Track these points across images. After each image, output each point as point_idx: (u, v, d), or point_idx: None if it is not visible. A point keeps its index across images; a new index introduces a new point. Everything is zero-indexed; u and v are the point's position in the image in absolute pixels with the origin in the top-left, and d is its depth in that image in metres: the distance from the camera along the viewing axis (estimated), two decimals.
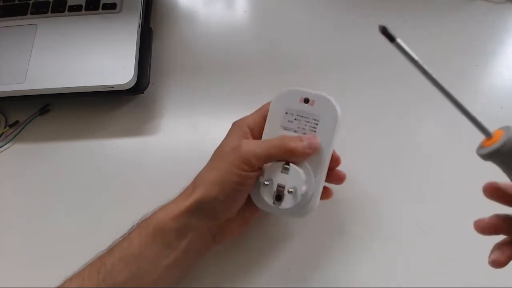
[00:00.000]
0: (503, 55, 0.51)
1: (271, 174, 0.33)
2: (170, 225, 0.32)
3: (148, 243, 0.32)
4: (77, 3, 0.49)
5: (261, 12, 0.55)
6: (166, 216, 0.32)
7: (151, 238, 0.32)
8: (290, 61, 0.50)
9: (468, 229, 0.28)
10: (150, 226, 0.32)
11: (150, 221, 0.33)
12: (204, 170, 0.34)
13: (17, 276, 0.38)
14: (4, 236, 0.40)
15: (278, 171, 0.32)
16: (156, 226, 0.32)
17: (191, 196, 0.32)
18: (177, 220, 0.32)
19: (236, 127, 0.35)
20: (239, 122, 0.35)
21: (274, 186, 0.33)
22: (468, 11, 0.54)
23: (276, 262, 0.38)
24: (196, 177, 0.34)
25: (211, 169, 0.33)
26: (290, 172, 0.32)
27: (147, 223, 0.33)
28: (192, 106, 0.48)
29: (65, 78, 0.44)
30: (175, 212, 0.32)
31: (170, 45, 0.52)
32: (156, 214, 0.33)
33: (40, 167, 0.44)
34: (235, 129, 0.35)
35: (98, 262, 0.32)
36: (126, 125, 0.46)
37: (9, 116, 0.47)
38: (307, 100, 0.33)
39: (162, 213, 0.33)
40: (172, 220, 0.32)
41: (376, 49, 0.51)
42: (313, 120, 0.33)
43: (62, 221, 0.41)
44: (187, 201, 0.32)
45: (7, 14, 0.49)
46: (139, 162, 0.44)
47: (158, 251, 0.32)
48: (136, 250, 0.32)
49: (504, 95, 0.47)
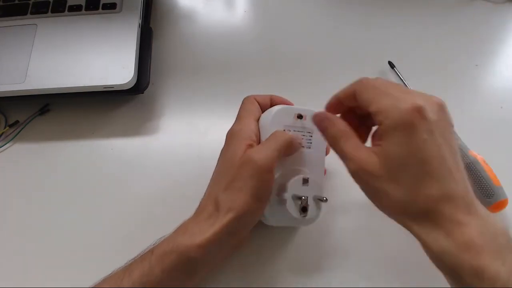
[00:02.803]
0: (503, 55, 0.51)
1: (294, 188, 0.34)
2: (198, 253, 0.30)
3: (171, 272, 0.30)
4: (77, 3, 0.49)
5: (261, 12, 0.55)
6: (191, 243, 0.30)
7: (175, 266, 0.30)
8: (290, 61, 0.50)
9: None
10: (174, 254, 0.30)
11: (173, 248, 0.31)
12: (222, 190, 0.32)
13: (17, 276, 0.38)
14: (4, 236, 0.40)
15: (300, 185, 0.34)
16: (181, 254, 0.30)
17: (219, 220, 0.31)
18: (205, 248, 0.30)
19: (235, 137, 0.34)
20: (235, 130, 0.35)
21: (299, 200, 0.34)
22: (468, 11, 0.54)
23: (276, 262, 0.38)
24: (218, 200, 0.32)
25: (233, 189, 0.32)
26: (310, 183, 0.34)
27: (170, 249, 0.31)
28: (192, 106, 0.48)
29: (65, 78, 0.44)
30: (202, 239, 0.30)
31: (170, 45, 0.52)
32: (179, 239, 0.31)
33: (40, 167, 0.44)
34: (235, 139, 0.34)
35: (115, 284, 0.31)
36: (126, 125, 0.46)
37: (9, 116, 0.47)
38: (300, 116, 0.36)
39: (186, 239, 0.31)
40: (200, 248, 0.30)
41: (376, 49, 0.51)
42: (307, 133, 0.36)
43: (62, 221, 0.41)
44: (215, 225, 0.31)
45: (7, 14, 0.49)
46: (139, 162, 0.44)
47: (181, 279, 0.31)
48: (158, 277, 0.30)
49: (504, 95, 0.47)
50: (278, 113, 0.35)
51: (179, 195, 0.41)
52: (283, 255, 0.38)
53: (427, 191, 0.27)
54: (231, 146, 0.34)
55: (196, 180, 0.42)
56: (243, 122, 0.35)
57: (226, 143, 0.35)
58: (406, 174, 0.27)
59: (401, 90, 0.29)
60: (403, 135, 0.27)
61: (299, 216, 0.34)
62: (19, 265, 0.39)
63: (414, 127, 0.27)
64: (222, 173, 0.33)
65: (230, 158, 0.33)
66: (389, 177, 0.28)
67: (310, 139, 0.36)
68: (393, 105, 0.28)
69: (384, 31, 0.52)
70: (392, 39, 0.52)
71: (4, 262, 0.39)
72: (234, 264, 0.37)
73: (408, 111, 0.27)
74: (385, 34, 0.52)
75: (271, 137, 0.33)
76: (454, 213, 0.26)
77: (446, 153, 0.27)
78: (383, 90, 0.29)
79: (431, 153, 0.27)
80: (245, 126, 0.34)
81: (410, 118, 0.27)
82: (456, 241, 0.26)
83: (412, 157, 0.27)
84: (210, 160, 0.43)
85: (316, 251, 0.38)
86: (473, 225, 0.26)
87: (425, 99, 0.28)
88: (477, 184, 0.38)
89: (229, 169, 0.33)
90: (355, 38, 0.52)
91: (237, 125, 0.35)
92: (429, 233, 0.27)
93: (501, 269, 0.24)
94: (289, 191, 0.34)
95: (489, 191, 0.38)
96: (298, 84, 0.48)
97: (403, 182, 0.27)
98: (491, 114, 0.46)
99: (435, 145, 0.27)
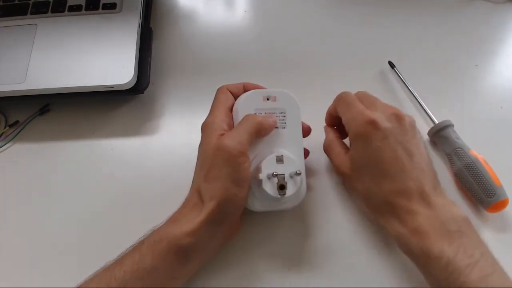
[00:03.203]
0: (503, 55, 0.51)
1: (269, 168, 0.34)
2: (187, 240, 0.31)
3: (162, 259, 0.31)
4: (77, 3, 0.49)
5: (261, 12, 0.55)
6: (179, 232, 0.31)
7: (165, 254, 0.31)
8: (290, 61, 0.50)
9: None
10: (164, 241, 0.31)
11: (163, 236, 0.32)
12: (202, 180, 0.33)
13: (17, 276, 0.38)
14: (4, 236, 0.40)
15: (274, 163, 0.34)
16: (171, 242, 0.31)
17: (204, 209, 0.32)
18: (194, 235, 0.31)
19: (207, 129, 0.35)
20: (208, 122, 0.36)
21: (275, 178, 0.34)
22: (468, 11, 0.54)
23: (276, 262, 0.38)
24: (200, 190, 0.33)
25: (211, 179, 0.33)
26: (285, 160, 0.34)
27: (159, 237, 0.32)
28: (192, 106, 0.48)
29: (65, 78, 0.44)
30: (190, 227, 0.31)
31: (170, 45, 0.52)
32: (168, 229, 0.32)
33: (40, 167, 0.44)
34: (207, 131, 0.35)
35: (107, 275, 0.31)
36: (126, 125, 0.46)
37: (9, 116, 0.47)
38: (268, 98, 0.37)
39: (175, 227, 0.32)
40: (189, 235, 0.31)
41: (376, 49, 0.51)
42: (280, 113, 0.37)
43: (62, 221, 0.41)
44: (201, 215, 0.32)
45: (7, 14, 0.49)
46: (139, 162, 0.44)
47: (173, 266, 0.32)
48: (149, 264, 0.31)
49: (504, 95, 0.47)
50: (246, 98, 0.37)
51: (179, 195, 0.41)
52: (283, 255, 0.38)
53: (384, 187, 0.33)
54: (204, 138, 0.35)
55: None
56: (214, 113, 0.36)
57: (201, 136, 0.36)
58: (367, 174, 0.34)
59: (369, 104, 0.36)
60: (361, 143, 0.34)
61: (277, 195, 0.33)
62: (19, 265, 0.39)
63: (368, 136, 0.33)
64: (200, 165, 0.35)
65: (205, 149, 0.34)
66: (356, 177, 0.35)
67: (284, 119, 0.37)
68: (353, 119, 0.35)
69: (384, 31, 0.52)
70: (392, 39, 0.52)
71: (4, 262, 0.39)
72: (233, 264, 0.37)
73: (363, 124, 0.34)
74: (385, 34, 0.52)
75: (242, 122, 0.35)
76: (408, 204, 0.32)
77: (400, 155, 0.33)
78: (351, 104, 0.36)
79: (384, 156, 0.33)
80: (216, 118, 0.36)
81: (364, 130, 0.34)
82: (408, 228, 0.31)
83: (370, 160, 0.34)
84: None
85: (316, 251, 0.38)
86: (424, 214, 0.31)
87: (383, 111, 0.35)
88: (478, 184, 0.38)
89: (205, 160, 0.34)
90: (355, 38, 0.52)
91: (209, 117, 0.36)
92: (389, 222, 0.33)
93: (447, 249, 0.29)
94: (263, 171, 0.34)
95: (490, 190, 0.38)
96: (298, 84, 0.47)
97: (366, 180, 0.34)
98: (491, 114, 0.46)
99: (389, 149, 0.33)
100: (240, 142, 0.32)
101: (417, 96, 0.45)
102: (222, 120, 0.35)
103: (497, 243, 0.38)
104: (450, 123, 0.42)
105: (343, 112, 0.36)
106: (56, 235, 0.40)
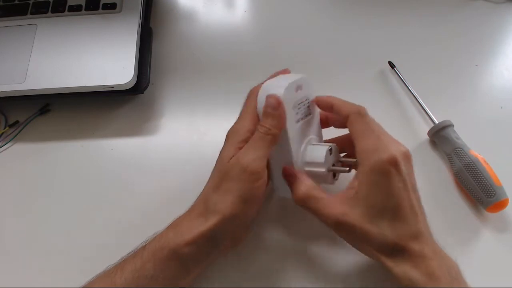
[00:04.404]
0: (503, 55, 0.51)
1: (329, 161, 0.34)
2: (187, 250, 0.31)
3: (163, 267, 0.31)
4: (77, 3, 0.49)
5: (261, 12, 0.55)
6: (181, 240, 0.31)
7: (166, 262, 0.31)
8: (290, 61, 0.50)
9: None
10: (165, 250, 0.31)
11: (164, 244, 0.31)
12: (212, 190, 0.33)
13: (17, 276, 0.38)
14: (4, 236, 0.40)
15: (329, 155, 0.34)
16: (172, 250, 0.31)
17: (208, 221, 0.31)
18: (194, 245, 0.31)
19: (230, 137, 0.34)
20: (233, 130, 0.35)
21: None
22: (468, 11, 0.54)
23: (276, 262, 0.38)
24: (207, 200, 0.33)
25: (221, 191, 0.32)
26: (333, 151, 0.35)
27: (161, 245, 0.31)
28: (192, 106, 0.48)
29: (65, 78, 0.44)
30: (191, 237, 0.31)
31: (170, 45, 0.52)
32: (170, 236, 0.32)
33: (40, 167, 0.44)
34: (230, 139, 0.34)
35: (108, 281, 0.31)
36: (126, 125, 0.46)
37: (9, 116, 0.47)
38: (300, 87, 0.35)
39: (177, 235, 0.32)
40: (189, 246, 0.31)
41: (376, 49, 0.51)
42: (306, 101, 0.36)
43: (62, 221, 0.41)
44: (203, 226, 0.31)
45: (7, 14, 0.49)
46: (139, 162, 0.44)
47: (174, 274, 0.31)
48: (150, 272, 0.31)
49: (504, 95, 0.47)
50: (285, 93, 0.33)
51: (179, 195, 0.41)
52: (283, 255, 0.38)
53: (400, 231, 0.31)
54: (225, 146, 0.34)
55: (196, 180, 0.42)
56: (241, 121, 0.35)
57: (224, 142, 0.35)
58: (383, 218, 0.31)
59: (383, 133, 0.33)
60: (379, 180, 0.31)
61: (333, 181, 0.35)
62: (19, 265, 0.39)
63: (391, 176, 0.31)
64: (214, 173, 0.34)
65: (222, 158, 0.33)
66: (369, 221, 0.31)
67: (309, 104, 0.36)
68: (377, 151, 0.31)
69: (384, 31, 0.52)
70: (392, 39, 0.52)
71: (4, 262, 0.39)
72: (233, 264, 0.37)
73: (387, 161, 0.31)
74: (385, 34, 0.52)
75: (254, 136, 0.33)
76: (421, 249, 0.31)
77: (413, 200, 0.32)
78: (372, 130, 0.33)
79: (403, 201, 0.31)
80: (242, 127, 0.34)
81: (388, 168, 0.31)
82: (422, 272, 0.30)
83: (389, 202, 0.31)
84: (210, 160, 0.43)
85: (316, 251, 0.38)
86: (434, 259, 0.31)
87: (398, 150, 0.32)
88: (478, 184, 0.38)
89: (220, 170, 0.33)
90: (355, 38, 0.52)
91: (236, 124, 0.35)
92: (399, 266, 0.31)
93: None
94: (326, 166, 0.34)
95: (490, 190, 0.38)
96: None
97: (382, 225, 0.31)
98: (491, 114, 0.46)
99: (405, 193, 0.31)
100: (257, 160, 0.32)
101: (417, 96, 0.45)
102: (248, 130, 0.34)
103: (497, 243, 0.38)
104: (450, 123, 0.42)
105: (361, 136, 0.33)
106: (56, 235, 0.40)
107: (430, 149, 0.44)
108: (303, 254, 0.38)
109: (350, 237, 0.33)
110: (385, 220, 0.31)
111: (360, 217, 0.31)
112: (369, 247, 0.32)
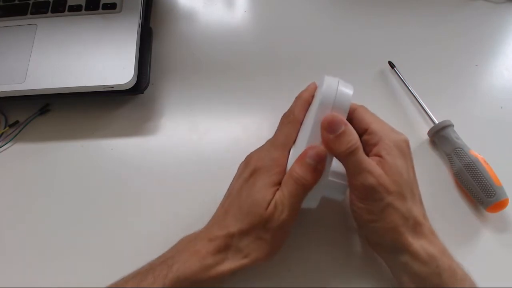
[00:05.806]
0: (503, 55, 0.51)
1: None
2: (211, 283, 0.31)
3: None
4: (77, 3, 0.49)
5: (261, 12, 0.55)
6: (206, 275, 0.30)
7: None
8: (290, 61, 0.50)
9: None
10: (187, 282, 0.30)
11: (188, 275, 0.30)
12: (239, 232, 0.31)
13: (17, 276, 0.38)
14: (4, 236, 0.40)
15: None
16: (194, 283, 0.30)
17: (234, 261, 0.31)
18: (219, 280, 0.31)
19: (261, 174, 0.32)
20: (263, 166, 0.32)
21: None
22: (468, 11, 0.54)
23: (276, 262, 0.38)
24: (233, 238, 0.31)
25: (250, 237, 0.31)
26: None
27: (184, 276, 0.30)
28: (191, 106, 0.48)
29: (65, 78, 0.44)
30: (217, 273, 0.30)
31: (170, 45, 0.52)
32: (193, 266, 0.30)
33: (40, 167, 0.44)
34: (261, 177, 0.32)
35: None
36: (126, 125, 0.46)
37: (9, 116, 0.47)
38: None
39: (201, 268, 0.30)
40: (214, 280, 0.30)
41: (376, 49, 0.51)
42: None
43: (62, 221, 0.41)
44: (228, 265, 0.31)
45: (7, 14, 0.49)
46: (139, 162, 0.44)
47: None
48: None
49: (504, 95, 0.47)
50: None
51: (179, 195, 0.41)
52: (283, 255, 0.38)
53: (417, 208, 0.33)
54: (257, 183, 0.32)
55: (196, 180, 0.42)
56: (276, 154, 0.33)
57: (251, 174, 0.33)
58: (407, 192, 0.32)
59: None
60: (400, 155, 0.32)
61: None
62: (19, 265, 0.39)
63: (407, 154, 0.33)
64: (244, 211, 0.32)
65: (255, 200, 0.31)
66: (398, 193, 0.31)
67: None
68: (392, 130, 0.34)
69: (384, 31, 0.52)
70: (392, 39, 0.52)
71: (4, 262, 0.39)
72: None
73: (404, 140, 0.33)
74: (385, 34, 0.52)
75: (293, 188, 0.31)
76: (430, 226, 0.33)
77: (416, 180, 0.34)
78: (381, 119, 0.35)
79: (415, 180, 0.34)
80: (277, 162, 0.32)
81: (404, 146, 0.33)
82: (437, 248, 0.32)
83: (409, 178, 0.32)
84: (210, 160, 0.44)
85: (316, 251, 0.38)
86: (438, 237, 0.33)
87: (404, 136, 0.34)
88: (478, 184, 0.38)
89: (251, 212, 0.31)
90: (355, 38, 0.52)
91: (266, 157, 0.33)
92: (418, 241, 0.32)
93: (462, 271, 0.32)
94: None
95: (490, 190, 0.38)
96: (298, 84, 0.47)
97: (407, 198, 0.32)
98: (491, 114, 0.46)
99: (414, 174, 0.34)
100: (294, 215, 0.31)
101: (417, 96, 0.45)
102: (283, 168, 0.32)
103: (497, 243, 0.38)
104: (450, 123, 0.42)
105: (374, 121, 0.34)
106: (56, 235, 0.40)
107: (430, 149, 0.44)
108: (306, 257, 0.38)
109: (376, 207, 0.31)
110: (408, 194, 0.32)
111: (391, 185, 0.31)
112: (395, 219, 0.31)
